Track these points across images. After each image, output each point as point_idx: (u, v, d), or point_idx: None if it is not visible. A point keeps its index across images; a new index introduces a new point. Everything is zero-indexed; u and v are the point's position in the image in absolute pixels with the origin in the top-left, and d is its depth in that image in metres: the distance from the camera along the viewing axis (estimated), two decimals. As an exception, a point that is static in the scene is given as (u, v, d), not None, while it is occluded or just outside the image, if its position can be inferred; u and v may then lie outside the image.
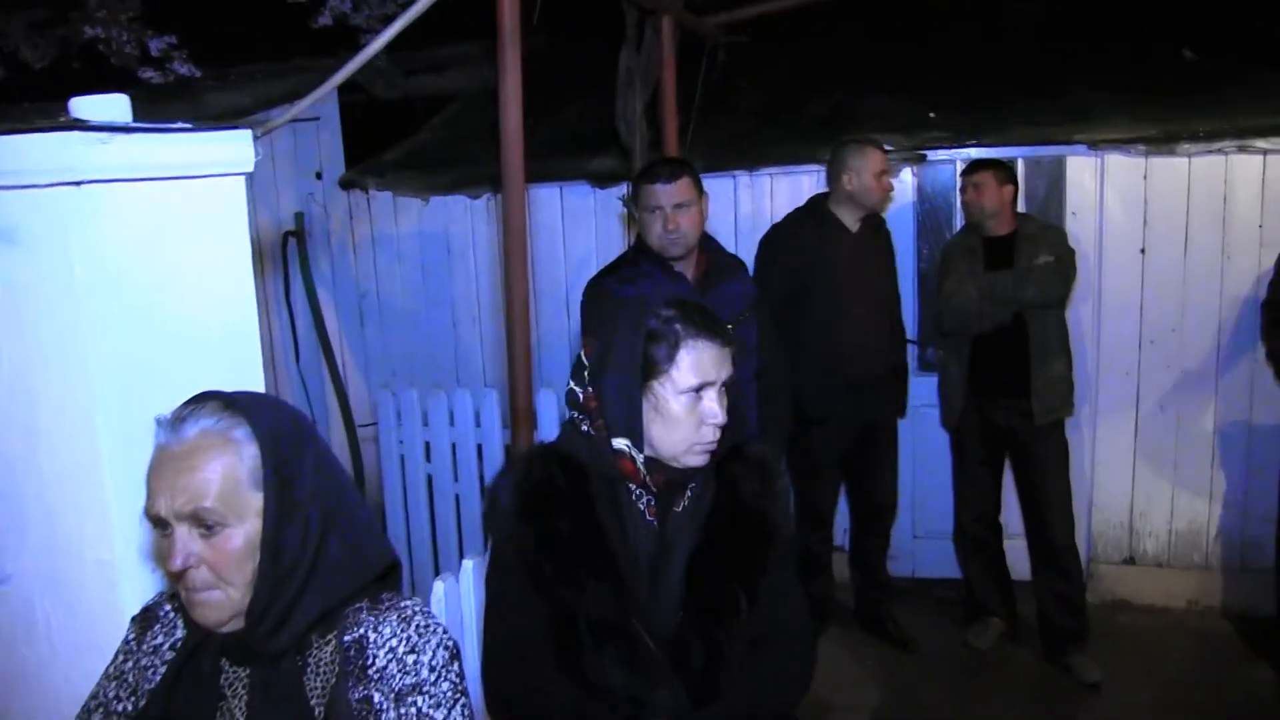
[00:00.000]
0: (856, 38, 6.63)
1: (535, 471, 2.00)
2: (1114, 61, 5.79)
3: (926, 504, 5.37)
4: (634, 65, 4.49)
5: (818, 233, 4.51)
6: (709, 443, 1.94)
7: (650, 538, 2.02)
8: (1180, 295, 4.96)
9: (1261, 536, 5.00)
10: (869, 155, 4.43)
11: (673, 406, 1.91)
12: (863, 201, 4.46)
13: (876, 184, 4.42)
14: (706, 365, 1.92)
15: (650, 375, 1.91)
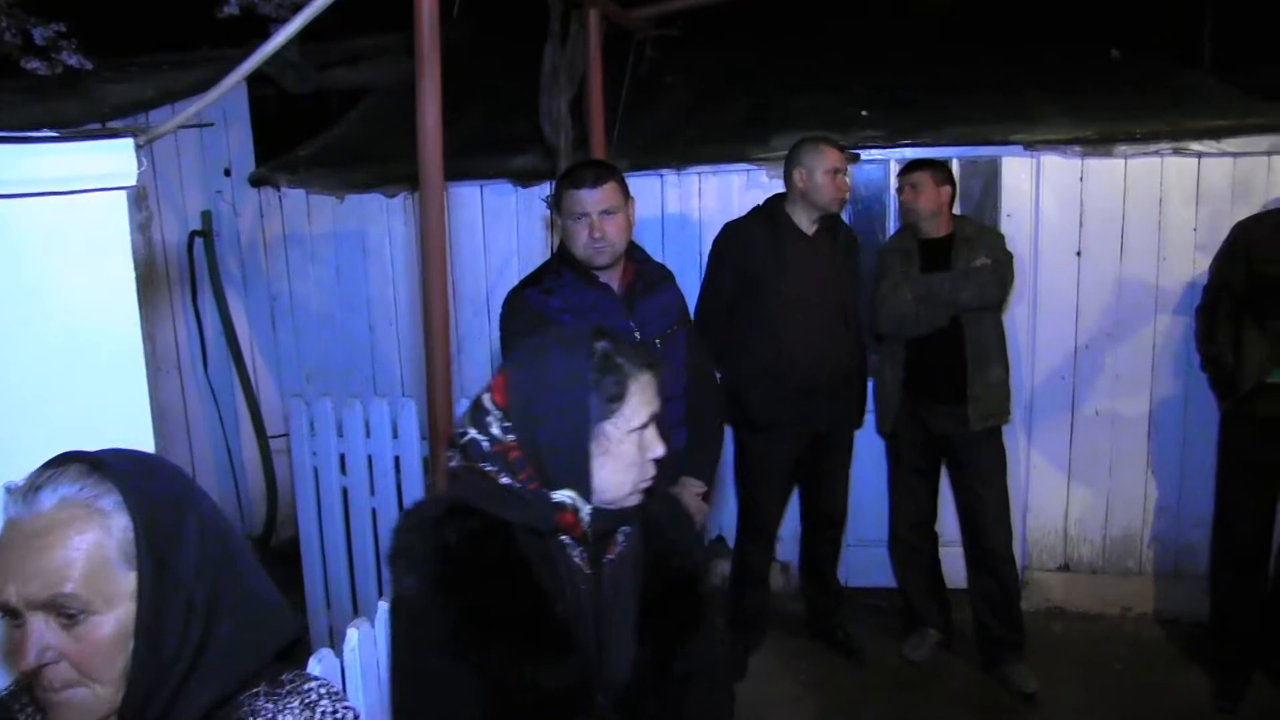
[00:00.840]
0: (788, 33, 6.47)
1: (450, 535, 1.75)
2: (1046, 60, 5.68)
3: (859, 511, 5.20)
4: (559, 60, 4.27)
5: (769, 234, 4.31)
6: (650, 479, 1.79)
7: (590, 593, 1.81)
8: (1116, 299, 4.85)
9: (1194, 542, 4.94)
10: (822, 152, 4.24)
11: (625, 447, 1.74)
12: (814, 200, 4.25)
13: (829, 183, 4.22)
14: (651, 398, 1.77)
15: (600, 416, 1.72)
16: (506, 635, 1.72)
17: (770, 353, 4.29)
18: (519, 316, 3.22)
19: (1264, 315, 4.11)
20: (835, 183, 4.24)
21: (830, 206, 4.27)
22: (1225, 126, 4.69)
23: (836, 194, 4.25)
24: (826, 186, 4.22)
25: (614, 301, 3.24)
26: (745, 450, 4.58)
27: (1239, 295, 4.16)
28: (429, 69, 2.95)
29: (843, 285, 4.40)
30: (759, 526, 4.64)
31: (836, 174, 4.23)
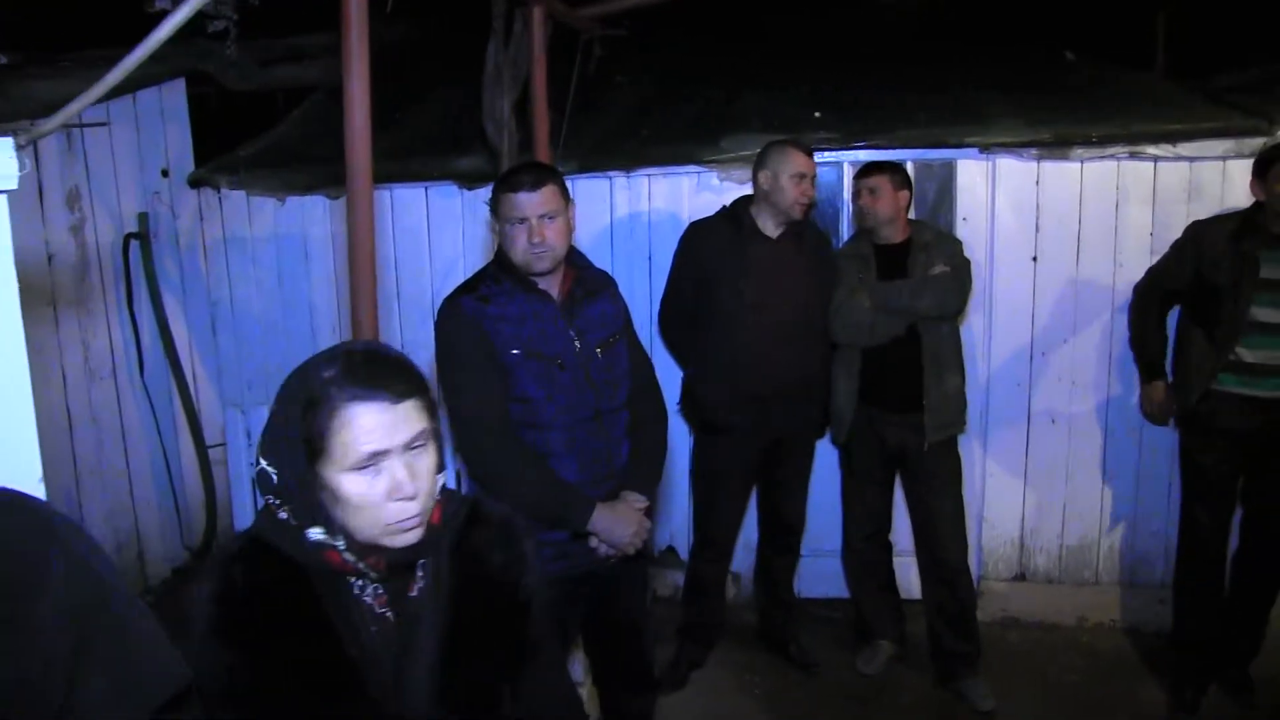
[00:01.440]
0: (742, 32, 6.33)
1: (238, 577, 1.62)
2: (1000, 61, 5.57)
3: (814, 521, 5.04)
4: (502, 60, 4.12)
5: (732, 235, 4.17)
6: (409, 518, 1.60)
7: (387, 633, 1.67)
8: (1073, 305, 4.75)
9: (1150, 551, 4.87)
10: (788, 156, 4.09)
11: (345, 488, 1.57)
12: (776, 204, 4.11)
13: (793, 188, 4.07)
14: (376, 431, 1.56)
15: (311, 455, 1.57)
16: (288, 681, 1.59)
17: (728, 355, 4.17)
18: (454, 325, 3.06)
19: (1208, 322, 4.08)
20: (800, 188, 4.09)
21: (791, 212, 4.13)
22: (1181, 130, 4.59)
23: (800, 199, 4.11)
24: (790, 191, 4.08)
25: (553, 309, 3.09)
26: (701, 453, 4.45)
27: (1175, 291, 4.20)
28: (356, 69, 2.80)
29: (807, 290, 4.25)
30: (713, 534, 4.50)
31: (801, 179, 4.09)
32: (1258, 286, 3.91)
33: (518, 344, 3.01)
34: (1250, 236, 3.95)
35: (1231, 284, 3.94)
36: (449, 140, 5.19)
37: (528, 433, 3.06)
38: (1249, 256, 3.92)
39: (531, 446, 3.06)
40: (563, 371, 3.05)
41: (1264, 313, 3.93)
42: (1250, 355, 3.98)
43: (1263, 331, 3.94)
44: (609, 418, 3.18)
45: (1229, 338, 3.99)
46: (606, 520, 3.07)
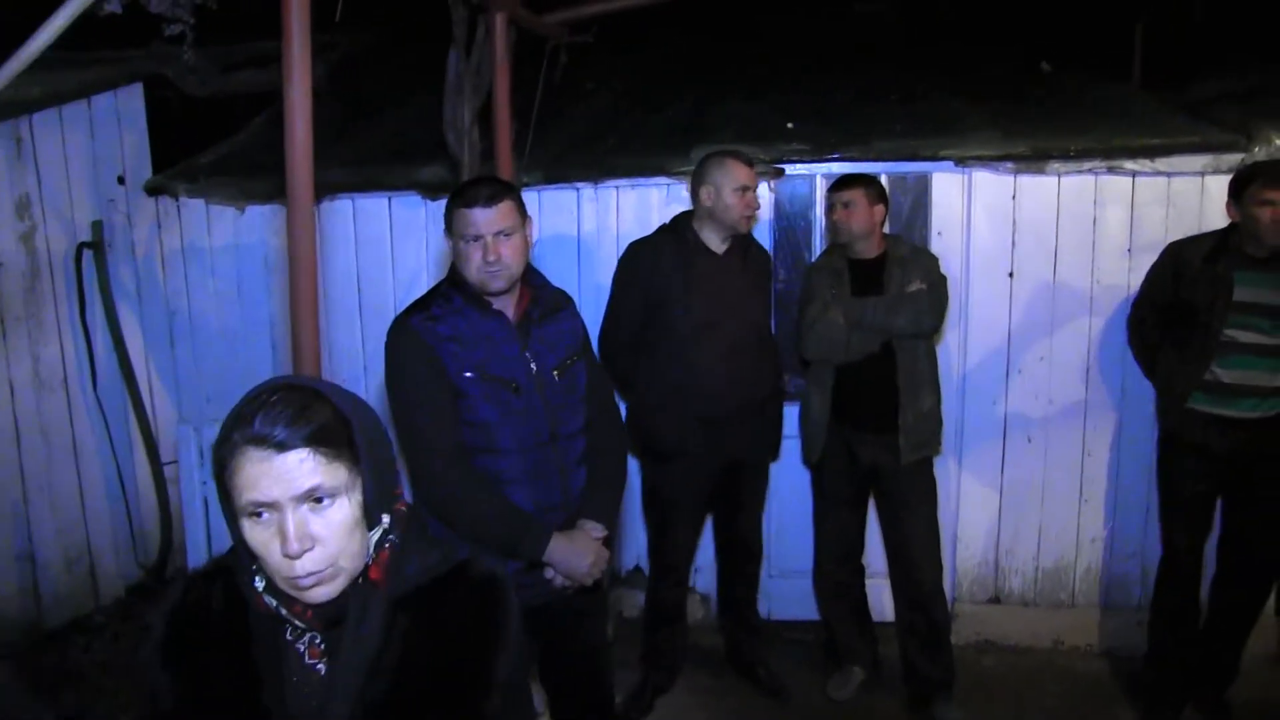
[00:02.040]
0: (710, 40, 6.20)
1: (192, 599, 1.59)
2: (976, 73, 5.47)
3: (783, 541, 4.95)
4: (463, 68, 3.97)
5: (677, 253, 4.02)
6: (302, 576, 1.47)
7: (311, 687, 1.55)
8: (1049, 322, 4.62)
9: (1127, 573, 4.76)
10: (729, 168, 3.95)
11: (246, 533, 1.48)
12: (722, 219, 3.97)
13: (738, 201, 3.94)
14: (260, 481, 1.44)
15: (223, 494, 1.50)
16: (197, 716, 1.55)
17: (677, 377, 4.01)
18: (403, 346, 2.91)
19: (1181, 342, 4.04)
20: (744, 201, 3.95)
21: (739, 226, 3.99)
22: (1160, 145, 4.48)
23: (745, 212, 3.97)
24: (735, 205, 3.94)
25: (508, 330, 2.94)
26: (653, 482, 4.28)
27: (1162, 310, 4.13)
28: (297, 75, 2.64)
29: (756, 306, 4.13)
30: (669, 562, 4.34)
31: (745, 191, 3.95)
32: (1233, 308, 3.86)
33: (470, 366, 2.87)
34: (1225, 258, 3.89)
35: (1207, 305, 3.89)
36: (413, 149, 5.03)
37: (481, 458, 2.91)
38: (1224, 278, 3.86)
39: (485, 472, 2.91)
40: (518, 395, 2.91)
41: (1240, 334, 3.87)
42: (1227, 375, 3.91)
43: (1240, 351, 3.88)
44: (565, 443, 3.04)
45: (1202, 359, 3.93)
46: (563, 550, 2.93)
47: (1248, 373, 3.88)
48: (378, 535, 1.58)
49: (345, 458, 1.51)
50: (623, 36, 5.98)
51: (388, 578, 1.59)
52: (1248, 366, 3.88)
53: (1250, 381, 3.88)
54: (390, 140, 5.35)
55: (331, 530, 1.49)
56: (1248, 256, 3.85)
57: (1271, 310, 3.82)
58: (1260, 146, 4.44)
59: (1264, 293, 3.83)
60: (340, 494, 1.50)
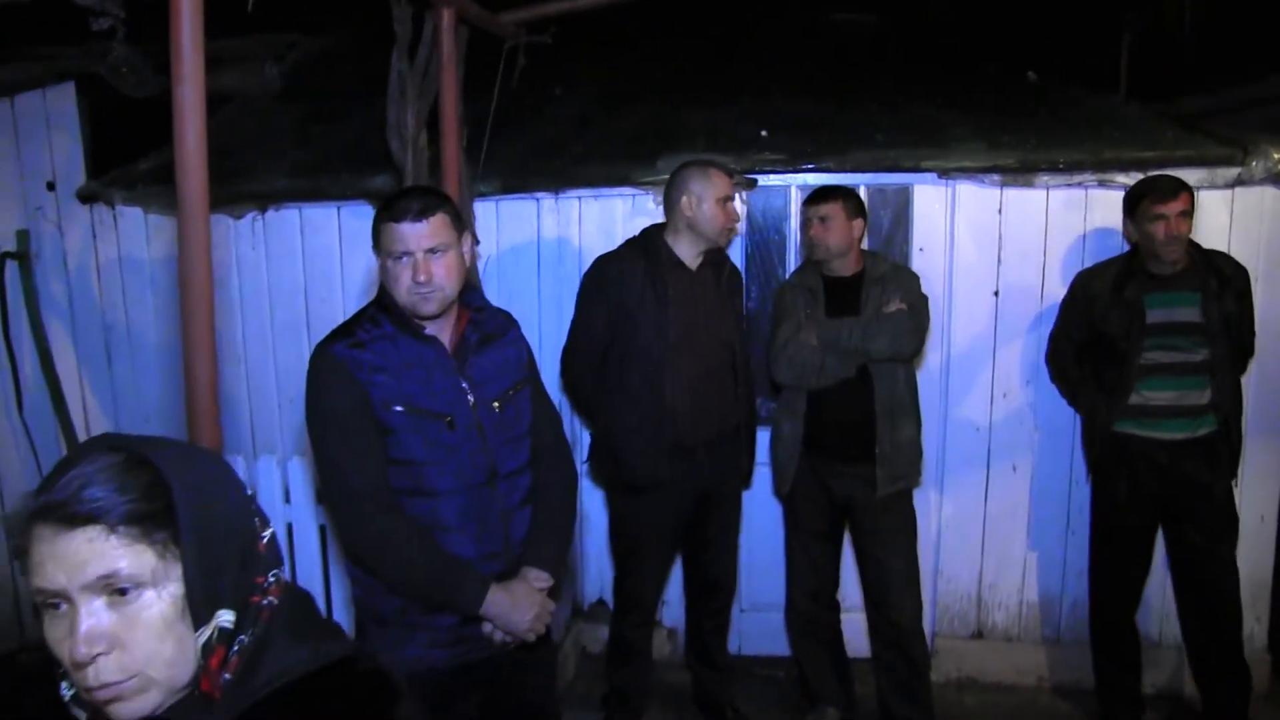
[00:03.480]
0: (680, 43, 5.88)
1: None
2: (959, 82, 5.16)
3: (754, 573, 4.62)
4: (405, 69, 3.63)
5: (647, 268, 3.69)
6: (96, 688, 1.17)
7: None
8: (1036, 343, 4.30)
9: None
10: (713, 179, 3.64)
11: (46, 631, 1.20)
12: (703, 232, 3.66)
13: (720, 212, 3.63)
14: (45, 564, 1.16)
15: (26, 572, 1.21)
16: None
17: (647, 402, 3.68)
18: (323, 376, 2.57)
19: (1099, 370, 3.96)
20: (727, 212, 3.65)
21: (720, 239, 3.69)
22: (1153, 158, 4.19)
23: (728, 225, 3.67)
24: (717, 216, 3.63)
25: (442, 357, 2.61)
26: (621, 515, 3.95)
27: (1079, 342, 4.03)
28: (189, 72, 2.29)
29: (730, 327, 3.81)
30: (636, 600, 4.00)
31: (728, 203, 3.65)
32: (1149, 332, 3.79)
33: (400, 399, 2.53)
34: (1132, 282, 3.82)
35: (1123, 333, 3.81)
36: (368, 156, 4.68)
37: (412, 502, 2.57)
38: (1134, 304, 3.79)
39: (416, 517, 2.57)
40: (453, 430, 2.58)
41: (1161, 355, 3.79)
42: (1156, 398, 3.82)
43: (1165, 373, 3.80)
44: (507, 482, 2.71)
45: (1124, 386, 3.83)
46: (502, 603, 2.60)
47: (1176, 393, 3.80)
48: (208, 636, 1.24)
49: (159, 539, 1.18)
50: (593, 40, 5.67)
51: (230, 688, 1.25)
52: (1175, 387, 3.80)
53: (1180, 402, 3.80)
54: (347, 147, 4.99)
55: (133, 631, 1.17)
56: (1154, 277, 3.79)
57: (1187, 327, 3.76)
58: (1256, 160, 4.17)
59: (1177, 311, 3.77)
60: (148, 585, 1.18)
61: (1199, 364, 3.78)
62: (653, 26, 6.02)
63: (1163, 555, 4.17)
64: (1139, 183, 3.87)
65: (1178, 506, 3.90)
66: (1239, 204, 4.27)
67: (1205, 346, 3.77)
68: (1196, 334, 3.77)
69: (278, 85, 5.70)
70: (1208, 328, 3.76)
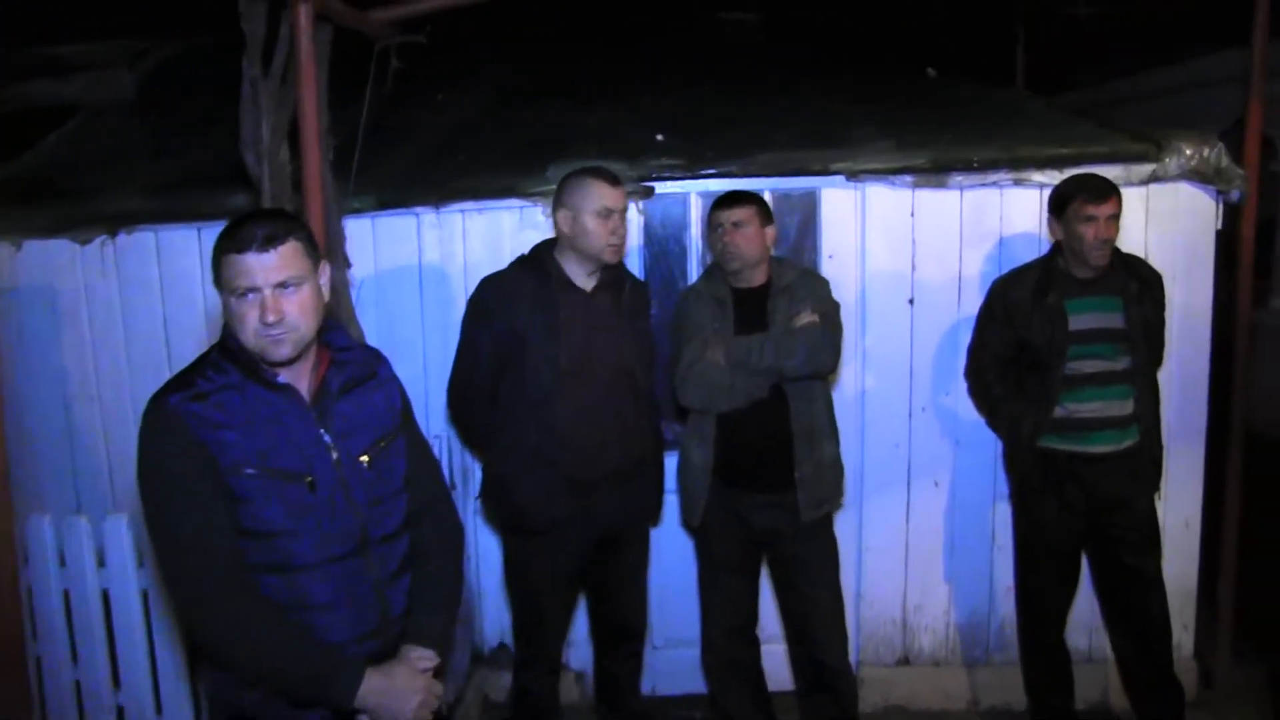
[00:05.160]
0: (572, 44, 5.53)
1: None
2: (862, 79, 4.88)
3: (667, 608, 4.24)
4: (259, 75, 3.20)
5: (537, 289, 3.31)
6: None
7: None
8: (954, 352, 4.01)
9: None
10: (589, 189, 3.27)
11: None
12: (583, 249, 3.29)
13: (600, 227, 3.25)
14: None
15: None
16: None
17: (539, 436, 3.30)
18: (157, 435, 2.13)
19: (1024, 383, 3.69)
20: (608, 226, 3.26)
21: (603, 256, 3.30)
22: (1068, 155, 3.96)
23: (609, 241, 3.27)
24: (597, 232, 3.26)
25: (299, 408, 2.20)
26: (514, 558, 3.57)
27: (1000, 355, 3.75)
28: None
29: (631, 351, 3.43)
30: (538, 648, 3.60)
31: (609, 215, 3.26)
32: (1071, 339, 3.54)
33: (251, 459, 2.13)
34: (1054, 288, 3.58)
35: (1045, 342, 3.56)
36: (229, 172, 4.17)
37: (271, 579, 2.17)
38: (1056, 310, 3.54)
39: (277, 597, 2.16)
40: (315, 493, 2.18)
41: (1084, 364, 3.56)
42: (1081, 410, 3.58)
43: (1088, 384, 3.57)
44: (381, 548, 2.31)
45: (1047, 398, 3.59)
46: (381, 691, 2.21)
47: (1100, 404, 3.57)
48: None
49: None
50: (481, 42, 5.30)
51: None
52: (1099, 398, 3.57)
53: (1105, 413, 3.57)
54: (209, 161, 4.49)
55: None
56: (1076, 281, 3.58)
57: (1110, 334, 3.56)
58: (1170, 156, 3.96)
59: (1100, 316, 3.56)
60: None
61: (1122, 373, 3.57)
62: (544, 27, 5.68)
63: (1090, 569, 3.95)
64: (1067, 181, 3.61)
65: (1104, 523, 3.67)
66: (1154, 201, 4.07)
67: (1128, 354, 3.56)
68: (1120, 341, 3.55)
69: (131, 94, 5.18)
70: (1130, 334, 3.55)
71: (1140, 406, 3.60)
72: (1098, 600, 4.01)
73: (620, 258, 3.35)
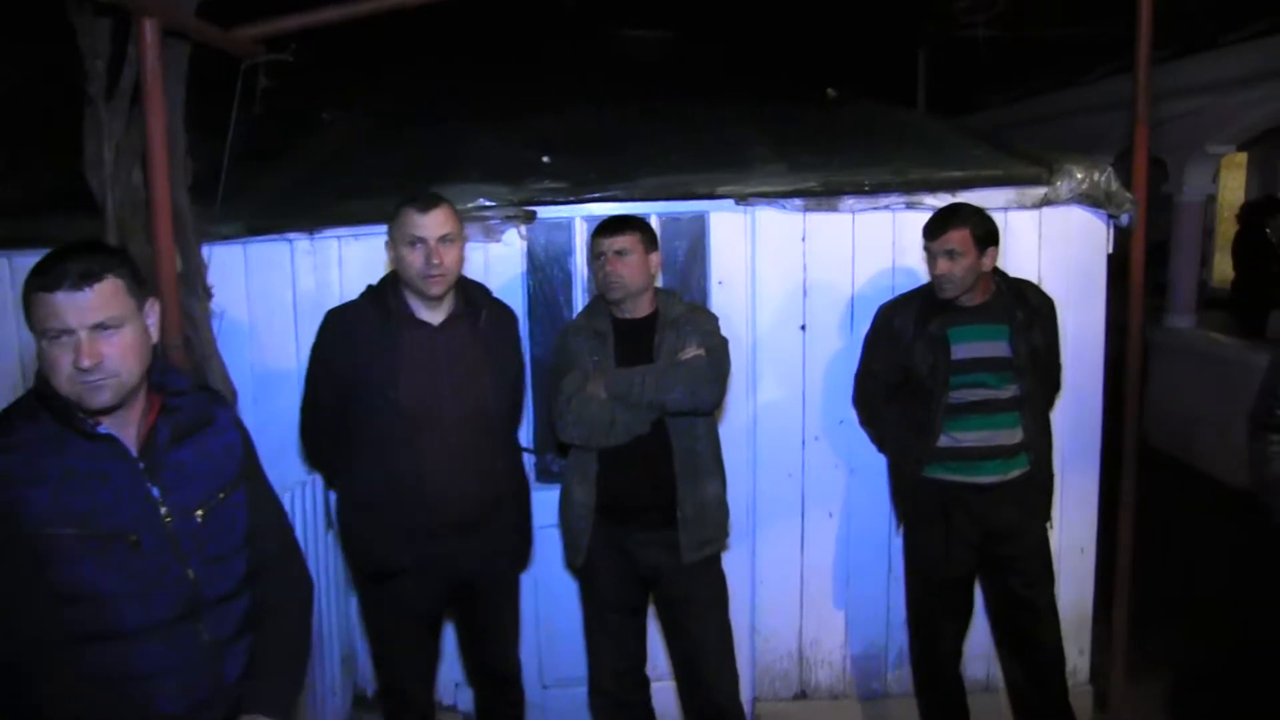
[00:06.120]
0: (468, 63, 5.33)
1: None
2: (759, 100, 4.75)
3: (555, 647, 4.06)
4: (100, 93, 2.97)
5: (380, 323, 3.09)
6: None
7: None
8: (847, 379, 3.85)
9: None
10: (400, 218, 3.03)
11: None
12: (407, 281, 3.08)
13: (414, 259, 3.00)
14: None
15: None
16: None
17: (383, 478, 3.10)
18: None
19: (907, 408, 3.58)
20: (421, 256, 3.01)
21: (424, 288, 3.04)
22: (961, 178, 3.87)
23: (424, 271, 3.01)
24: (411, 263, 3.02)
25: (122, 461, 2.00)
26: (366, 604, 3.38)
27: (888, 383, 3.64)
28: None
29: (486, 388, 3.19)
30: (400, 694, 3.37)
31: (420, 245, 3.01)
32: (955, 369, 3.44)
33: (66, 518, 1.93)
34: (937, 316, 3.48)
35: (929, 371, 3.46)
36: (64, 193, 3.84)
37: (94, 650, 1.97)
38: (939, 338, 3.45)
39: (100, 668, 1.96)
40: (139, 553, 1.98)
41: (969, 393, 3.46)
42: (967, 439, 3.47)
43: (974, 412, 3.47)
44: (217, 610, 2.11)
45: (931, 427, 3.48)
46: None
47: (986, 433, 3.47)
48: None
49: None
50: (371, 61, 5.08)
51: None
52: (985, 427, 3.47)
53: (992, 442, 3.47)
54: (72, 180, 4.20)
55: None
56: (960, 309, 3.47)
57: (994, 363, 3.46)
58: (1061, 180, 3.90)
59: (983, 345, 3.46)
60: None
61: (1008, 401, 3.46)
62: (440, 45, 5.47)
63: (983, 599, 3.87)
64: (943, 210, 3.50)
65: (994, 553, 3.57)
66: (1047, 225, 3.99)
67: (1014, 382, 3.45)
68: (1005, 369, 3.45)
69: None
70: (1016, 362, 3.44)
71: (1029, 435, 3.50)
72: (991, 630, 3.91)
73: (442, 289, 3.08)
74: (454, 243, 3.07)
